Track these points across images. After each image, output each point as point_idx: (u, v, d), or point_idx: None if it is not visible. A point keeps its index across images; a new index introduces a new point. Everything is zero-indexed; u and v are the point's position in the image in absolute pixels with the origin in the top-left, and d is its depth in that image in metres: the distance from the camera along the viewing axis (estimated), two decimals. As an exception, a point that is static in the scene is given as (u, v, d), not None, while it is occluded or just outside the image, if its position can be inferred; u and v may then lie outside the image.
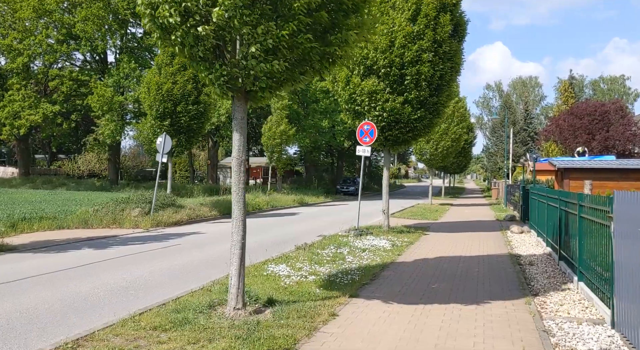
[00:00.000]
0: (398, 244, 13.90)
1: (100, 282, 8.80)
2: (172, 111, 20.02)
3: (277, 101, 31.18)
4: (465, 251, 13.12)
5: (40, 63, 40.29)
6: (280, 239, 15.15)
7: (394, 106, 15.36)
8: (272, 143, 30.61)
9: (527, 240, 15.71)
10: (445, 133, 32.18)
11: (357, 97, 15.84)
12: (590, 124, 43.96)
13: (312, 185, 46.88)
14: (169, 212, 19.13)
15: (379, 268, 10.36)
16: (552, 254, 12.24)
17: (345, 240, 14.24)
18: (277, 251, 12.19)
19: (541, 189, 15.03)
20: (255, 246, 13.30)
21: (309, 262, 10.33)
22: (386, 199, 17.13)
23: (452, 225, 20.32)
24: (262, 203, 27.89)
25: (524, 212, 21.73)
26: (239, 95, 6.40)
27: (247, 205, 25.20)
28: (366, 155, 16.34)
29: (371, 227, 17.63)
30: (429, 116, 15.96)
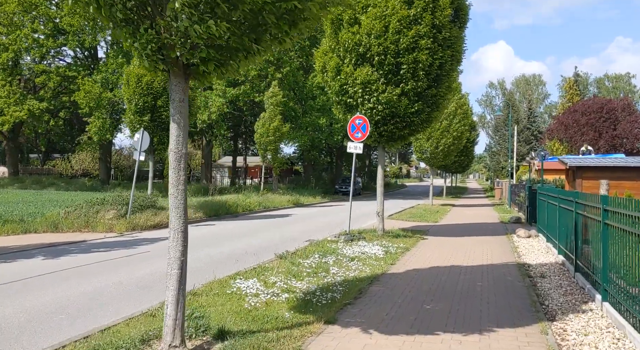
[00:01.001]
0: (392, 251, 12.47)
1: (29, 305, 7.34)
2: (153, 106, 18.61)
3: (271, 96, 29.74)
4: (466, 259, 11.69)
5: (29, 58, 38.95)
6: (261, 246, 13.73)
7: (390, 98, 13.93)
8: (264, 140, 29.18)
9: (536, 245, 14.27)
10: (447, 130, 30.71)
11: (349, 88, 14.42)
12: (597, 122, 42.44)
13: (310, 185, 45.45)
14: (147, 215, 17.72)
15: (367, 282, 8.93)
16: (565, 263, 10.80)
17: (333, 246, 12.82)
18: (253, 261, 10.76)
19: (551, 190, 13.58)
20: (229, 255, 11.88)
21: (286, 276, 8.90)
22: (381, 200, 15.70)
23: (453, 228, 18.88)
24: (253, 204, 26.48)
25: (531, 214, 20.26)
26: (176, 70, 4.98)
27: (237, 207, 23.89)
28: (358, 152, 14.91)
29: (364, 231, 16.20)
30: (427, 109, 14.52)
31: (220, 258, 11.47)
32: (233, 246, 13.52)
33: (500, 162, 74.87)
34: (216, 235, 15.93)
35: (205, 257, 11.68)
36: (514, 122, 56.79)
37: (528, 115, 79.14)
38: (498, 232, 17.78)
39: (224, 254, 12.11)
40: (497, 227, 19.37)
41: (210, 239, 14.93)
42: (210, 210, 21.91)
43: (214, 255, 11.98)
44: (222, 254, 12.13)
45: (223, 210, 23.00)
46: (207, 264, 10.74)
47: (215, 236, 15.75)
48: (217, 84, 34.20)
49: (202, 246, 13.41)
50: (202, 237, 15.49)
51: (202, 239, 15.03)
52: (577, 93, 63.28)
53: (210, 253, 12.26)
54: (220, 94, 33.53)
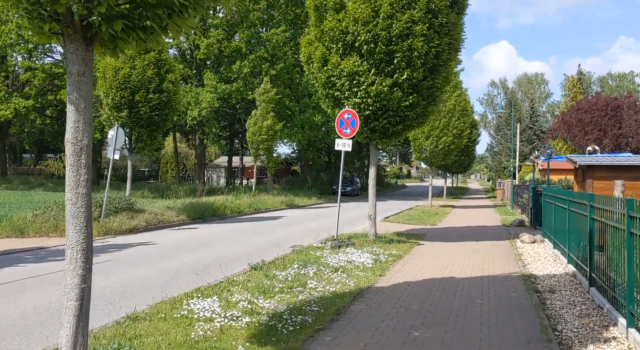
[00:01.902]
0: (382, 259, 11.20)
1: None
2: (130, 101, 17.34)
3: (263, 93, 28.48)
4: (465, 270, 10.41)
5: (19, 56, 37.73)
6: (239, 253, 12.47)
7: (381, 90, 12.66)
8: (256, 139, 27.91)
9: (542, 252, 12.99)
10: (446, 128, 29.42)
11: (336, 81, 13.16)
12: (601, 120, 41.11)
13: (306, 186, 44.19)
14: (122, 218, 16.46)
15: (349, 299, 7.67)
16: (576, 275, 9.53)
17: (318, 254, 11.56)
18: (223, 272, 9.50)
19: (559, 191, 12.30)
20: (199, 265, 10.61)
21: (254, 292, 7.63)
22: (373, 202, 14.44)
23: (452, 232, 17.61)
24: (243, 205, 25.20)
25: (535, 216, 18.99)
26: (71, 32, 3.73)
27: (224, 208, 22.60)
28: (347, 149, 13.63)
29: (355, 236, 14.93)
30: (422, 103, 13.25)
31: (187, 268, 10.21)
32: (208, 253, 12.26)
33: (502, 162, 73.57)
34: (194, 241, 14.68)
35: (171, 267, 10.43)
36: (516, 121, 55.43)
37: (530, 114, 77.78)
38: (500, 236, 16.51)
39: (193, 263, 10.85)
40: (499, 231, 18.09)
41: (186, 245, 13.67)
42: (194, 212, 20.64)
43: (182, 264, 10.72)
44: (191, 263, 10.87)
45: (209, 212, 21.74)
46: (170, 276, 9.48)
47: (192, 241, 14.49)
48: (208, 79, 32.97)
49: (173, 254, 12.16)
50: (177, 242, 14.23)
51: (177, 245, 13.77)
52: (581, 91, 61.95)
53: (179, 262, 11.00)
54: (212, 90, 32.27)
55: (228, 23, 34.61)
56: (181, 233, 16.55)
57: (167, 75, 17.79)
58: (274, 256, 11.15)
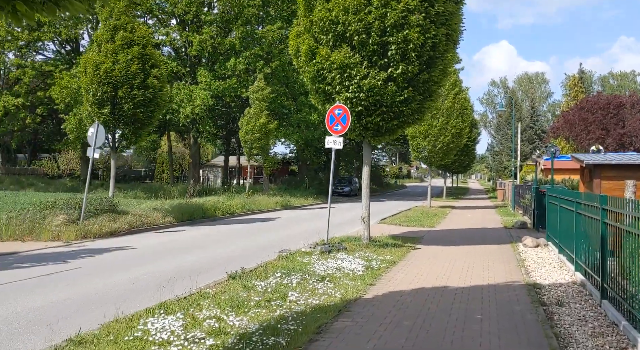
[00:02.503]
0: (375, 266, 10.37)
1: None
2: (113, 96, 16.48)
3: (256, 90, 27.65)
4: (463, 278, 9.58)
5: (6, 52, 36.87)
6: (221, 258, 11.65)
7: (374, 84, 11.83)
8: (250, 138, 27.07)
9: (546, 258, 12.15)
10: (445, 127, 28.55)
11: (325, 74, 12.32)
12: (604, 119, 40.27)
13: (303, 186, 43.37)
14: (103, 220, 15.64)
15: (333, 313, 6.84)
16: (585, 284, 8.70)
17: (305, 260, 10.73)
18: (197, 282, 8.67)
19: (565, 192, 11.47)
20: (174, 273, 9.78)
21: (225, 307, 6.80)
22: (366, 203, 13.61)
23: (451, 235, 16.77)
24: (235, 206, 24.36)
25: (538, 218, 18.16)
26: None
27: (215, 210, 21.74)
28: (337, 147, 12.80)
29: (348, 239, 14.11)
30: (418, 98, 12.41)
31: (160, 277, 9.37)
32: (187, 259, 11.43)
33: (502, 162, 72.69)
34: (177, 245, 13.85)
35: (143, 275, 9.59)
36: (517, 120, 54.55)
37: (531, 113, 76.94)
38: (501, 239, 15.67)
39: (168, 270, 10.02)
40: (501, 234, 17.26)
41: (167, 250, 12.84)
42: (183, 214, 19.81)
43: (156, 272, 9.89)
44: (166, 271, 10.03)
45: (199, 213, 20.92)
46: (140, 286, 8.65)
47: (175, 246, 13.66)
48: (202, 76, 32.15)
49: (149, 259, 11.33)
50: (158, 247, 13.40)
51: (157, 249, 12.94)
52: (582, 90, 61.08)
53: (153, 269, 10.17)
54: (205, 87, 31.44)
55: (222, 19, 33.80)
56: (165, 236, 15.73)
57: (153, 71, 16.91)
58: (256, 263, 10.33)
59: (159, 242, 14.18)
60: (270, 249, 13.14)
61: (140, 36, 16.72)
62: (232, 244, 14.24)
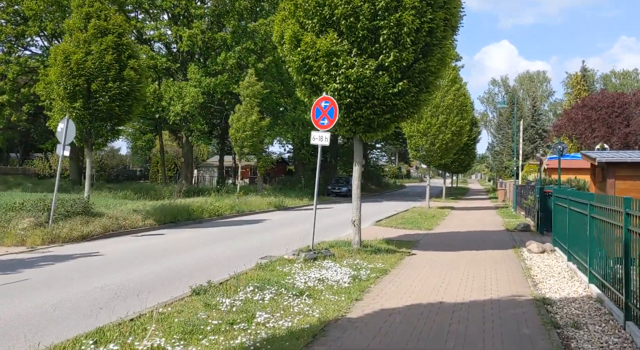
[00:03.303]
0: (363, 276, 9.21)
1: None
2: (86, 89, 15.32)
3: (247, 86, 26.48)
4: (462, 291, 8.43)
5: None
6: (190, 268, 10.49)
7: (362, 74, 10.68)
8: (240, 136, 25.90)
9: (554, 265, 11.01)
10: (444, 125, 27.38)
11: (311, 63, 11.17)
12: (608, 117, 39.10)
13: (299, 186, 42.25)
14: (75, 223, 14.48)
15: (306, 339, 5.70)
16: (603, 299, 7.56)
17: (286, 269, 9.59)
18: (157, 297, 7.52)
19: (575, 194, 10.31)
20: (131, 286, 8.63)
21: (174, 334, 5.65)
22: (357, 205, 12.47)
23: (449, 239, 15.62)
24: (224, 208, 23.19)
25: (542, 221, 17.02)
26: None
27: (202, 211, 20.54)
28: (324, 144, 11.65)
29: (337, 244, 12.97)
30: (413, 89, 11.26)
31: (115, 291, 8.22)
32: (155, 268, 10.28)
33: (503, 162, 71.56)
34: (150, 250, 12.70)
35: (100, 288, 8.43)
36: (518, 118, 53.35)
37: (532, 113, 75.84)
38: (504, 244, 14.52)
39: (127, 283, 8.86)
40: (503, 238, 16.11)
41: (137, 256, 11.69)
42: (165, 216, 18.65)
43: (114, 284, 8.72)
44: (126, 282, 8.88)
45: (184, 215, 19.75)
46: (87, 303, 7.49)
47: (147, 251, 12.51)
48: (192, 73, 30.98)
49: (114, 268, 10.17)
50: (128, 253, 12.24)
51: (126, 256, 11.79)
52: (585, 88, 59.89)
53: (113, 281, 9.01)
54: (196, 84, 30.26)
55: (214, 13, 32.63)
56: (141, 241, 14.57)
57: (129, 62, 15.74)
58: (229, 274, 9.17)
59: (132, 248, 13.03)
60: (252, 255, 12.01)
61: (115, 24, 15.55)
62: (211, 249, 13.09)
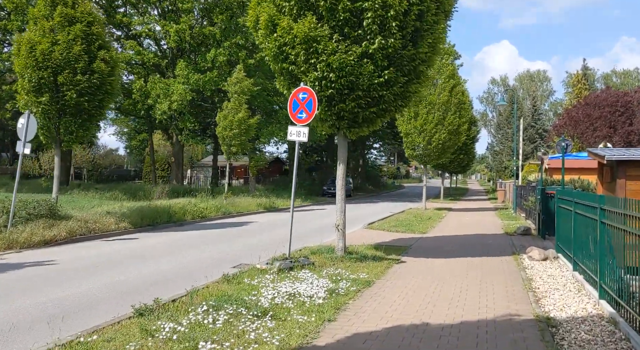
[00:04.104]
0: (342, 290, 8.08)
1: None
2: (52, 82, 14.20)
3: (235, 83, 25.38)
4: (453, 309, 7.30)
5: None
6: (151, 279, 9.36)
7: (345, 61, 9.57)
8: (227, 134, 24.78)
9: (557, 275, 9.88)
10: (441, 123, 26.25)
11: (289, 51, 10.05)
12: (611, 116, 37.98)
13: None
14: (37, 227, 13.35)
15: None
16: (617, 320, 6.43)
17: (255, 282, 8.46)
18: (98, 317, 6.39)
19: (582, 196, 9.18)
20: (72, 301, 7.50)
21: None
22: (341, 208, 11.35)
23: (444, 244, 14.49)
24: (209, 209, 22.06)
25: (544, 224, 15.90)
26: None
27: (184, 213, 19.38)
28: (302, 140, 10.48)
29: (319, 251, 11.85)
30: (402, 79, 10.14)
31: (48, 311, 7.09)
32: (107, 280, 9.13)
33: (502, 162, 70.49)
34: (114, 258, 11.56)
35: (33, 306, 7.29)
36: (518, 117, 52.20)
37: (532, 112, 74.80)
38: (502, 250, 13.39)
39: (68, 299, 7.73)
40: (501, 242, 14.98)
41: (95, 265, 10.55)
42: (142, 219, 17.52)
43: (53, 301, 7.59)
44: (67, 299, 7.75)
45: (163, 218, 18.62)
46: (8, 326, 6.36)
47: (110, 259, 11.37)
48: (180, 69, 29.85)
49: (64, 280, 9.04)
50: (87, 260, 11.10)
51: (83, 264, 10.64)
52: (586, 87, 58.76)
53: (53, 297, 7.86)
54: (183, 81, 29.13)
55: (202, 8, 31.51)
56: (110, 246, 13.44)
57: (100, 53, 14.62)
58: (185, 288, 8.03)
59: (95, 255, 11.89)
60: (226, 262, 10.93)
61: (83, 13, 14.42)
62: (183, 256, 11.96)
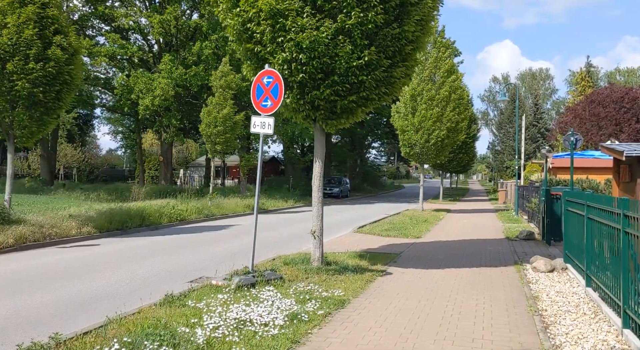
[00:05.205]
0: (305, 316, 6.56)
1: None
2: (1, 71, 12.76)
3: (220, 77, 23.91)
4: (440, 342, 5.80)
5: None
6: (85, 297, 7.89)
7: (318, 39, 8.08)
8: (211, 131, 23.31)
9: (568, 293, 8.38)
10: (439, 120, 24.76)
11: (254, 28, 8.57)
12: (617, 113, 36.45)
13: (286, 187, 39.70)
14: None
15: None
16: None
17: (201, 304, 6.99)
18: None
19: (596, 199, 7.70)
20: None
21: None
22: (318, 212, 9.87)
23: (438, 250, 12.98)
24: (190, 211, 20.54)
25: (549, 228, 14.41)
26: None
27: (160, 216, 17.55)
28: (266, 132, 8.93)
29: (294, 261, 10.36)
30: (385, 62, 8.65)
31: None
32: (28, 301, 7.67)
33: (504, 162, 68.96)
34: (56, 270, 10.09)
35: None
36: (520, 114, 50.69)
37: (534, 111, 73.23)
38: (503, 258, 11.89)
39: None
40: (502, 249, 13.47)
41: (23, 281, 9.08)
42: (111, 222, 16.04)
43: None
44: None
45: (135, 221, 17.13)
46: None
47: (48, 272, 9.90)
48: (164, 63, 28.40)
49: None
50: (20, 274, 9.63)
51: (11, 279, 9.18)
52: (590, 85, 57.15)
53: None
54: (166, 75, 27.66)
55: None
56: (60, 255, 11.96)
57: (56, 38, 13.17)
58: (108, 315, 6.56)
59: (35, 266, 10.42)
60: (184, 275, 9.48)
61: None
62: (137, 267, 10.49)
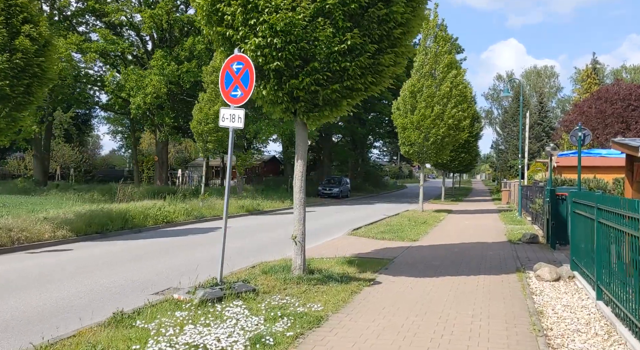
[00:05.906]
0: (269, 338, 5.62)
1: None
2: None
3: (211, 72, 22.99)
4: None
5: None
6: (30, 315, 6.99)
7: (294, 22, 7.16)
8: (202, 129, 22.41)
9: (576, 306, 7.43)
10: (440, 118, 23.78)
11: (224, 9, 7.65)
12: (624, 111, 35.40)
13: (283, 187, 38.82)
14: (-61, 236, 11.04)
15: None
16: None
17: (152, 325, 6.07)
18: None
19: (609, 201, 6.75)
20: None
21: None
22: (299, 216, 8.94)
23: (435, 256, 12.02)
24: (178, 213, 19.62)
25: (554, 231, 13.44)
26: None
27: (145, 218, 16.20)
28: (236, 126, 7.95)
29: (274, 269, 9.39)
30: (371, 47, 7.70)
31: None
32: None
33: (507, 161, 67.85)
34: (12, 279, 9.21)
35: None
36: (524, 112, 49.54)
37: (539, 109, 72.10)
38: (504, 264, 10.93)
39: None
40: (503, 254, 12.50)
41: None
42: (90, 225, 15.14)
43: None
44: None
45: (117, 224, 16.21)
46: None
47: (6, 281, 9.02)
48: (156, 60, 27.54)
49: None
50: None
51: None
52: (596, 82, 55.94)
53: None
54: (158, 72, 26.78)
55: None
56: (21, 262, 11.05)
57: (24, 28, 12.29)
58: (43, 336, 5.65)
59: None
60: (151, 285, 8.59)
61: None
62: (105, 275, 9.58)
